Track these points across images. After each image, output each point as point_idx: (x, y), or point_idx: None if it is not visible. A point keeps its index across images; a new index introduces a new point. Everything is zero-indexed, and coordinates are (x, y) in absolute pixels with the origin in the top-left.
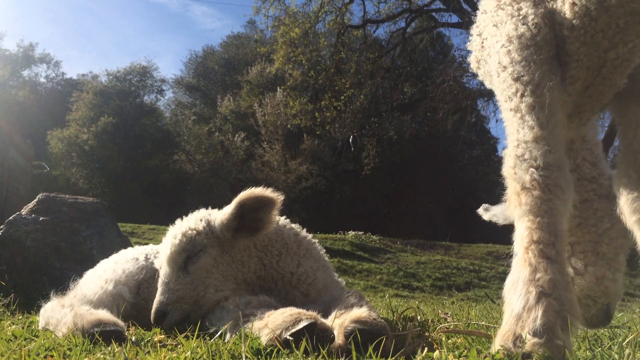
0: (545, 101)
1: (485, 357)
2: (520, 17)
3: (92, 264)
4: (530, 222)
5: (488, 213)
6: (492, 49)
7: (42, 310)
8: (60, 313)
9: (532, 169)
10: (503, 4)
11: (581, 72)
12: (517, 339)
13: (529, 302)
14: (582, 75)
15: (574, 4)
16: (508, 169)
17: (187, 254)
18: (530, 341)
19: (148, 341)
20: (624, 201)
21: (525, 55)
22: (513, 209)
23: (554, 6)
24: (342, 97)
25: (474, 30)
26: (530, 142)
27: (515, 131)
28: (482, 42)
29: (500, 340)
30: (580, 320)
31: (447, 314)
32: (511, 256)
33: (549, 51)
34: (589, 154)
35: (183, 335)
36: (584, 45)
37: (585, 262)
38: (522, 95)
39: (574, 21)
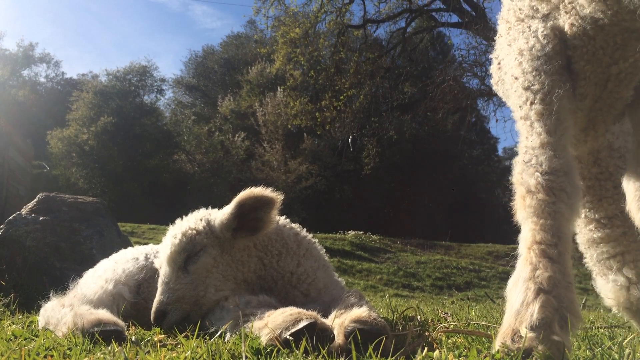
0: (553, 108)
1: (485, 356)
2: (531, 32)
3: (92, 263)
4: (533, 224)
5: None
6: (507, 66)
7: (42, 310)
8: (60, 313)
9: (537, 173)
10: (514, 24)
11: (589, 89)
12: (516, 334)
13: (527, 297)
14: (590, 92)
15: (572, 24)
16: (516, 175)
17: (187, 254)
18: (528, 336)
19: (148, 341)
20: (631, 198)
21: (536, 66)
22: (519, 213)
23: (559, 24)
24: (342, 97)
25: (493, 54)
26: (537, 148)
27: (524, 138)
28: (499, 63)
29: (500, 338)
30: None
31: (447, 313)
32: (512, 256)
33: (559, 61)
34: (621, 161)
35: (183, 335)
36: (589, 63)
37: (638, 271)
38: (532, 103)
39: (574, 41)
